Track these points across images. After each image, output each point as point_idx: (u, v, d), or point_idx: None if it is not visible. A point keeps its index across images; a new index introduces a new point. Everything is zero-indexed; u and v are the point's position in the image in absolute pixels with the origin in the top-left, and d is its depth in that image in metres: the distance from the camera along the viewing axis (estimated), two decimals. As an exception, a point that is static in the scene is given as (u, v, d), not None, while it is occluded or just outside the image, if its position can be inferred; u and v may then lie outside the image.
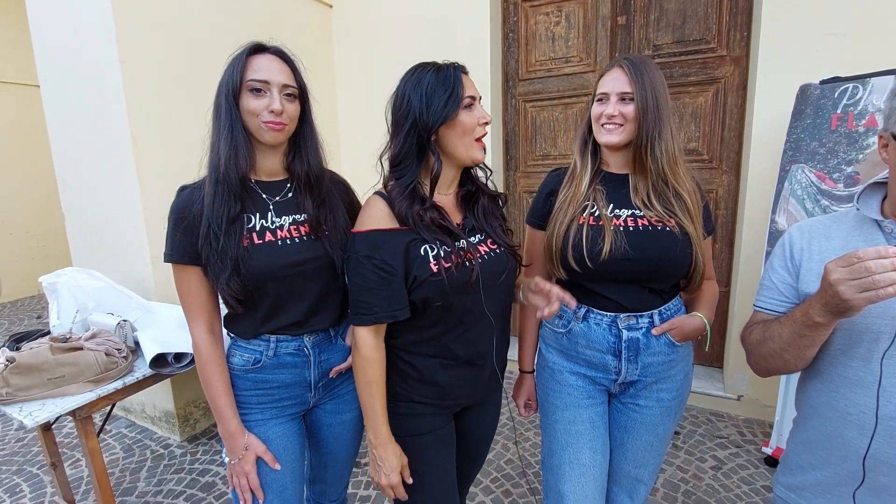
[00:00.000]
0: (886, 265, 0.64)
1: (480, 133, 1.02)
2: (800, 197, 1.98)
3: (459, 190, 1.12)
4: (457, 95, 0.98)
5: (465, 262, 1.00)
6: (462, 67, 1.02)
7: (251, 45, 1.02)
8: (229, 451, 1.07)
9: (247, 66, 1.00)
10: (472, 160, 1.04)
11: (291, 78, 1.04)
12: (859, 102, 1.85)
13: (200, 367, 1.06)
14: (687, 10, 2.53)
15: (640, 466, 1.21)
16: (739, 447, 2.28)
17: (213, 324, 1.07)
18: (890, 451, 0.76)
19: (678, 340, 1.12)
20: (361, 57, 3.22)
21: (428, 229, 0.99)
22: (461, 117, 0.99)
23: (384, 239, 0.98)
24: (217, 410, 1.06)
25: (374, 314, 0.98)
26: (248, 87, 0.99)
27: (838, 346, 0.83)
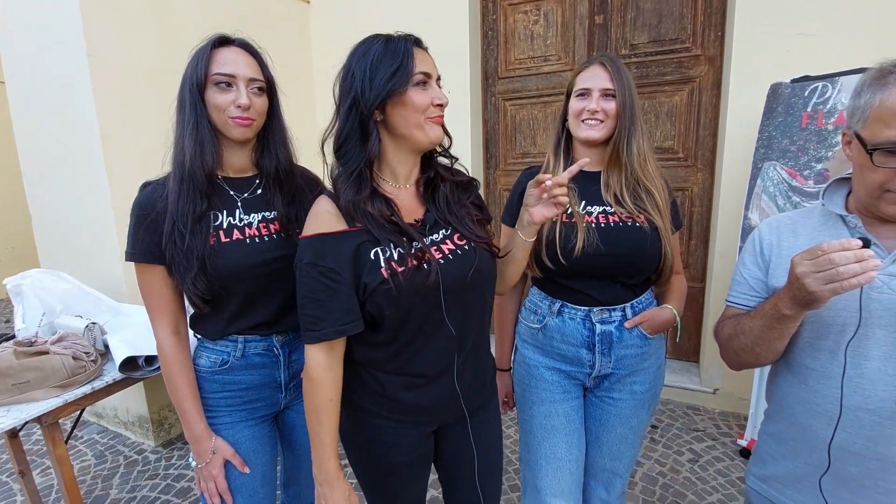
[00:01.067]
0: (849, 257, 0.65)
1: (434, 113, 0.90)
2: (772, 194, 2.02)
3: (421, 179, 1.00)
4: (406, 70, 0.86)
5: (423, 265, 0.87)
6: (417, 40, 0.91)
7: (215, 38, 0.99)
8: (196, 455, 1.04)
9: (211, 60, 0.97)
10: (430, 141, 0.90)
11: (258, 71, 1.02)
12: (828, 101, 1.90)
13: (165, 369, 1.03)
14: (663, 9, 2.56)
15: (615, 459, 1.22)
16: (715, 440, 2.33)
17: (178, 325, 1.04)
18: (855, 441, 0.78)
19: (650, 333, 1.14)
20: (340, 54, 3.18)
21: (378, 225, 0.87)
22: (410, 95, 0.86)
23: (330, 243, 0.86)
24: (182, 413, 1.03)
25: (321, 329, 0.86)
26: (213, 81, 0.97)
27: (806, 338, 0.84)
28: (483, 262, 0.95)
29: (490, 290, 1.02)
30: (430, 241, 0.93)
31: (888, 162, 0.71)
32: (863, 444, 0.77)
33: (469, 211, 1.00)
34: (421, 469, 1.06)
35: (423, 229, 0.93)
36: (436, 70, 0.91)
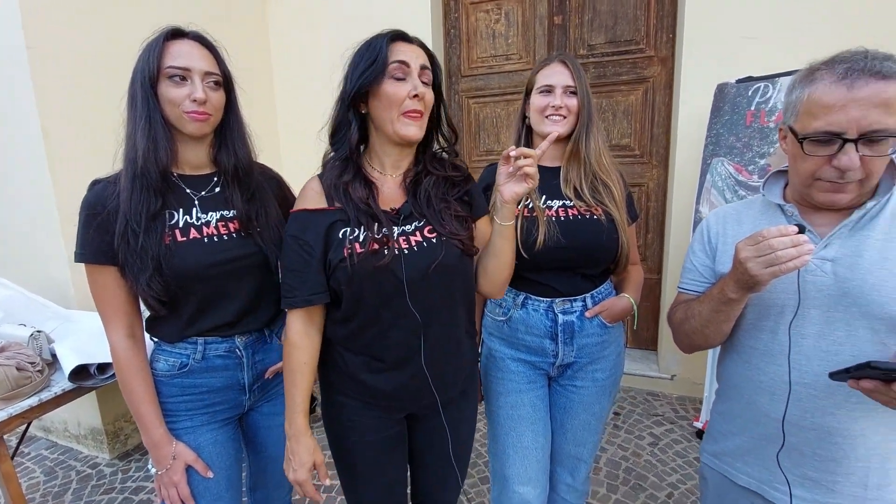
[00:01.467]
0: (787, 242, 0.71)
1: (410, 107, 0.92)
2: (720, 188, 2.14)
3: (410, 171, 1.03)
4: (381, 63, 0.90)
5: (383, 250, 0.91)
6: (400, 35, 0.94)
7: (168, 30, 0.96)
8: (155, 462, 1.01)
9: (164, 52, 0.94)
10: (399, 136, 0.94)
11: (214, 65, 0.99)
12: (770, 100, 2.02)
13: (120, 374, 0.99)
14: (618, 11, 2.65)
15: (579, 445, 1.27)
16: (674, 423, 2.44)
17: (132, 327, 1.00)
18: (804, 415, 0.83)
19: (609, 321, 1.18)
20: (301, 51, 3.12)
21: (354, 207, 0.93)
22: (385, 87, 0.91)
23: (310, 219, 0.94)
24: (140, 419, 1.00)
25: (294, 297, 0.95)
26: (166, 75, 0.94)
27: (749, 320, 0.90)
28: (449, 258, 0.96)
29: (458, 284, 1.01)
30: (401, 231, 0.96)
31: (817, 151, 0.77)
32: (801, 415, 0.83)
33: (450, 207, 1.01)
34: (388, 454, 1.08)
35: (397, 218, 0.97)
36: (417, 60, 0.94)
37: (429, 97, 0.96)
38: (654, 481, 2.01)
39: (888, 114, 0.70)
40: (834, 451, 0.82)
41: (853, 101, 0.71)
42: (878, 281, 0.77)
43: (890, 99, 0.70)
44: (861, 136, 0.72)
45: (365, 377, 0.99)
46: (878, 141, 0.72)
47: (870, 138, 0.72)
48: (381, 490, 1.10)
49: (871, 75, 0.70)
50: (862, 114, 0.71)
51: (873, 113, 0.70)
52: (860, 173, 0.75)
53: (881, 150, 0.73)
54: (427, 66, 0.96)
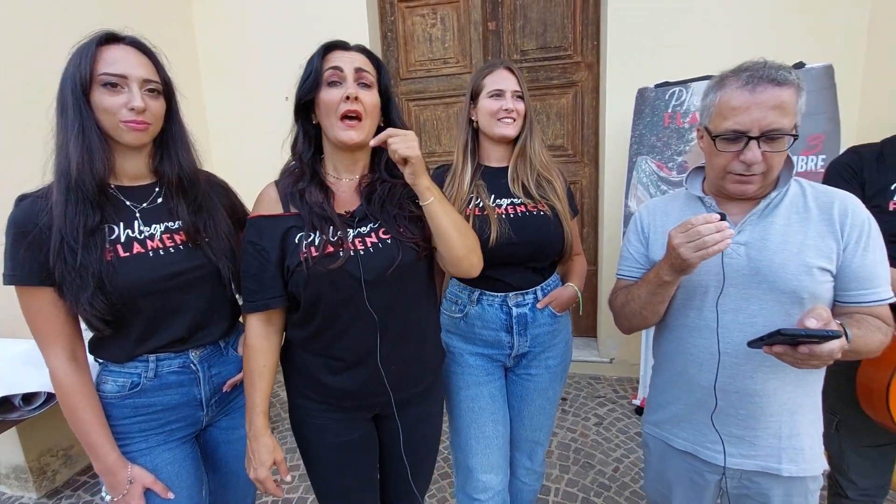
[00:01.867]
0: (711, 228, 0.82)
1: (344, 109, 0.94)
2: (645, 184, 2.34)
3: (366, 176, 1.05)
4: (315, 73, 0.95)
5: (342, 255, 0.94)
6: (334, 45, 0.98)
7: (101, 35, 0.91)
8: (110, 489, 0.96)
9: (97, 58, 0.89)
10: (339, 141, 0.97)
11: (153, 72, 0.95)
12: (684, 103, 2.24)
13: (64, 401, 0.93)
14: (547, 19, 2.81)
15: (536, 429, 1.35)
16: (615, 403, 2.63)
17: (74, 350, 0.94)
18: (729, 381, 0.95)
19: (558, 311, 1.27)
20: (232, 52, 3.00)
21: (309, 210, 0.96)
22: (321, 94, 0.96)
23: (266, 224, 0.97)
24: (90, 446, 0.94)
25: (254, 301, 0.97)
26: (100, 82, 0.89)
27: (680, 300, 1.01)
28: (407, 259, 0.99)
29: (414, 284, 1.04)
30: (357, 233, 0.99)
31: (727, 147, 0.89)
32: (727, 381, 0.96)
33: (405, 212, 1.03)
34: (354, 457, 1.08)
35: (352, 221, 0.99)
36: (352, 64, 0.96)
37: (368, 99, 0.97)
38: (601, 458, 2.16)
39: (783, 115, 0.83)
40: (753, 409, 0.95)
41: (755, 104, 0.84)
42: (783, 260, 0.90)
43: (784, 102, 0.83)
44: (762, 134, 0.84)
45: (325, 378, 1.00)
46: (776, 139, 0.85)
47: (769, 136, 0.85)
48: (349, 493, 1.11)
49: (769, 82, 0.83)
50: (762, 115, 0.83)
51: (771, 114, 0.83)
52: (762, 167, 0.88)
53: (779, 146, 0.86)
54: (364, 69, 0.97)
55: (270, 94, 2.88)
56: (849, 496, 1.33)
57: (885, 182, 1.16)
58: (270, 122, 2.75)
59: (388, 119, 1.06)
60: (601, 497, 1.93)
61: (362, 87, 0.97)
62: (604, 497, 1.93)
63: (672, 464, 1.09)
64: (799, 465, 0.95)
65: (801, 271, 0.89)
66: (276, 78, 2.89)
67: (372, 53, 1.02)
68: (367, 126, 0.98)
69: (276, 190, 1.00)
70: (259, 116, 2.88)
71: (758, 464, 0.96)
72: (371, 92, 0.99)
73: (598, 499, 1.92)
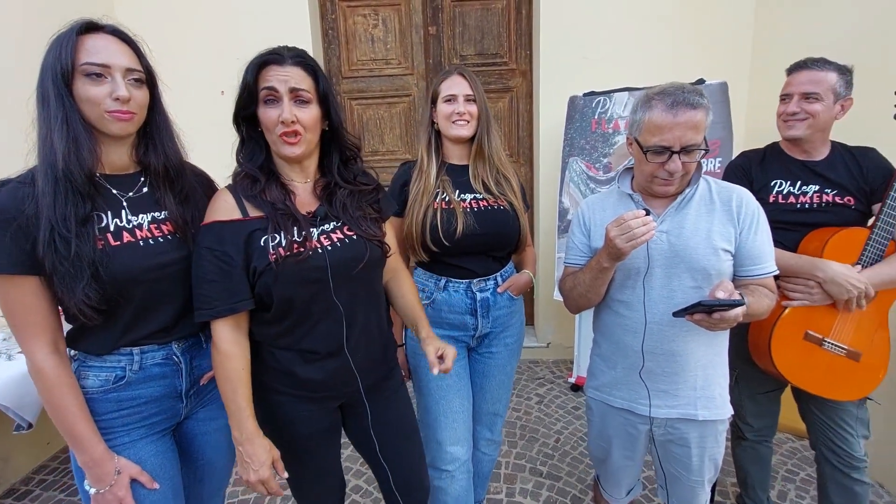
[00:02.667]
0: (639, 223, 1.00)
1: (282, 130, 0.97)
2: (576, 182, 2.59)
3: (320, 179, 1.11)
4: (248, 92, 0.98)
5: (309, 251, 0.97)
6: (268, 60, 0.97)
7: (81, 23, 0.90)
8: (95, 481, 0.95)
9: (78, 48, 0.88)
10: (281, 156, 1.02)
11: (136, 61, 0.95)
12: (608, 111, 2.51)
13: (48, 394, 0.91)
14: (484, 27, 2.98)
15: (496, 402, 1.50)
16: (553, 382, 2.88)
17: (56, 342, 0.93)
18: (655, 344, 1.15)
19: (515, 294, 1.43)
20: (165, 47, 2.84)
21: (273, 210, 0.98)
22: (260, 113, 0.99)
23: (226, 230, 0.97)
24: (75, 438, 0.93)
25: (214, 308, 0.96)
26: (83, 72, 0.88)
27: (617, 281, 1.20)
28: (374, 253, 1.08)
29: (376, 278, 1.14)
30: (321, 230, 1.04)
31: (655, 159, 1.08)
32: (654, 345, 1.16)
33: (366, 213, 1.10)
34: (326, 442, 1.17)
35: (314, 220, 1.04)
36: (287, 83, 0.96)
37: (306, 116, 0.99)
38: (544, 432, 2.38)
39: (697, 133, 1.04)
40: (675, 366, 1.16)
41: (676, 125, 1.03)
42: (694, 244, 1.11)
43: (698, 122, 1.03)
44: (682, 148, 1.04)
45: (297, 369, 1.04)
46: (692, 151, 1.06)
47: (687, 150, 1.05)
48: (320, 476, 1.19)
49: (687, 106, 1.02)
50: (682, 133, 1.03)
51: (689, 133, 1.03)
52: (681, 173, 1.08)
53: (694, 157, 1.07)
54: (299, 88, 0.97)
55: (208, 88, 2.79)
56: (747, 437, 1.62)
57: (766, 180, 1.44)
58: (206, 116, 2.66)
59: (330, 124, 1.07)
60: (546, 465, 2.13)
61: (299, 104, 0.99)
62: (548, 465, 2.14)
63: (611, 420, 1.28)
64: (711, 411, 1.17)
65: (709, 252, 1.10)
66: (214, 73, 2.80)
67: (308, 62, 1.01)
68: (307, 139, 1.01)
69: (232, 195, 1.00)
70: (194, 115, 2.76)
71: (679, 412, 1.18)
72: (309, 108, 1.00)
73: (543, 467, 2.12)
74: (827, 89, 1.33)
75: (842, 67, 1.35)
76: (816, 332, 1.34)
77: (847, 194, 1.37)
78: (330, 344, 1.05)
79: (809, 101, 1.35)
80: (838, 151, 1.42)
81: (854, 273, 1.27)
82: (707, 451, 1.20)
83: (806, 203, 1.39)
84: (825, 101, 1.34)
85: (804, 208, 1.39)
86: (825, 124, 1.37)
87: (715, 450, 1.21)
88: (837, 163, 1.40)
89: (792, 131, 1.39)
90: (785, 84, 1.42)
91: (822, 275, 1.28)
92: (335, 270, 1.01)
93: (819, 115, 1.34)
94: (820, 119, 1.35)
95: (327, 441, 1.18)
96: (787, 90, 1.40)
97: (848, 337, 1.33)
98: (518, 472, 2.09)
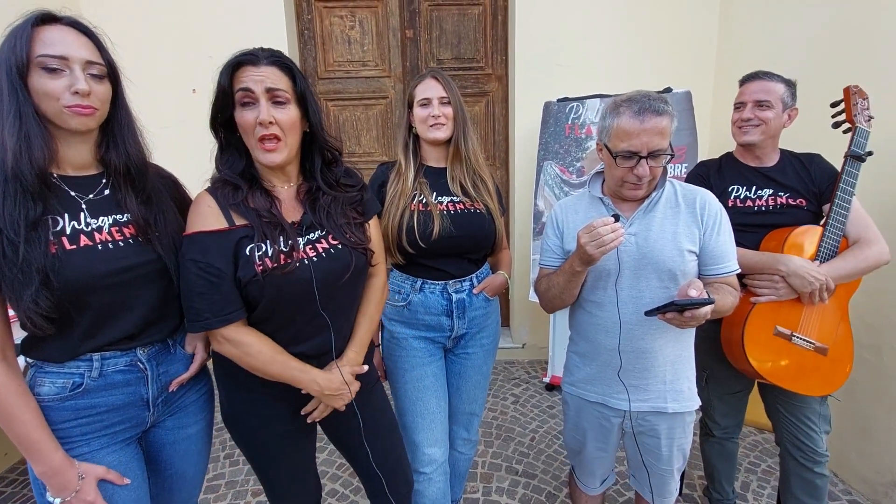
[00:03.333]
0: (608, 230, 1.03)
1: (261, 133, 0.95)
2: (551, 185, 2.64)
3: (303, 185, 1.09)
4: (224, 94, 0.95)
5: (296, 263, 0.97)
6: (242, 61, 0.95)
7: (37, 14, 0.86)
8: (58, 490, 0.91)
9: (34, 39, 0.84)
10: (261, 163, 1.00)
11: (97, 54, 0.91)
12: (580, 116, 2.57)
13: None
14: (461, 31, 3.02)
15: (472, 402, 1.51)
16: (528, 382, 2.92)
17: (4, 350, 0.89)
18: (630, 343, 1.19)
19: (491, 295, 1.46)
20: (135, 44, 2.76)
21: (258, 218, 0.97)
22: (237, 116, 0.97)
23: (211, 241, 0.94)
24: (31, 447, 0.89)
25: (205, 320, 0.95)
26: (39, 65, 0.85)
27: (589, 282, 1.24)
28: (359, 262, 1.08)
29: (360, 285, 1.15)
30: (307, 240, 1.03)
31: (624, 163, 1.12)
32: (625, 343, 1.20)
33: (349, 219, 1.09)
34: (299, 442, 1.17)
35: (300, 229, 1.03)
36: (262, 84, 0.94)
37: (284, 118, 0.97)
38: (519, 430, 2.42)
39: (663, 138, 1.08)
40: (646, 363, 1.20)
41: (643, 131, 1.07)
42: (660, 246, 1.16)
43: (664, 129, 1.08)
44: (649, 153, 1.09)
45: None
46: (658, 156, 1.10)
47: (654, 155, 1.09)
48: (296, 473, 1.19)
49: (653, 112, 1.07)
50: (649, 139, 1.07)
51: (655, 139, 1.07)
52: (649, 178, 1.13)
53: (660, 161, 1.11)
54: (276, 87, 0.96)
55: (180, 86, 2.73)
56: (714, 434, 1.69)
57: (723, 186, 1.52)
58: (176, 115, 2.60)
59: (310, 124, 1.05)
60: (522, 463, 2.17)
61: (277, 105, 0.96)
62: (524, 463, 2.17)
63: (586, 414, 1.32)
64: (680, 403, 1.22)
65: (675, 254, 1.15)
66: (186, 71, 2.74)
67: (284, 62, 0.99)
68: (287, 144, 0.99)
69: (215, 201, 0.98)
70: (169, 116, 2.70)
71: (650, 405, 1.22)
72: (287, 109, 0.98)
73: (519, 465, 2.15)
74: (777, 98, 1.42)
75: (788, 80, 1.45)
76: (785, 328, 1.41)
77: (799, 196, 1.45)
78: (314, 349, 1.06)
79: (762, 108, 1.43)
80: (787, 158, 1.51)
81: (814, 266, 1.35)
82: (675, 441, 1.25)
83: (762, 206, 1.47)
84: (775, 109, 1.43)
85: (760, 210, 1.47)
86: (775, 131, 1.46)
87: (683, 440, 1.26)
88: (787, 168, 1.48)
89: (746, 136, 1.47)
90: (738, 94, 1.51)
91: (785, 268, 1.36)
92: (321, 283, 1.00)
93: (770, 121, 1.43)
94: (771, 126, 1.44)
95: (302, 438, 1.17)
96: (741, 98, 1.49)
97: (814, 331, 1.41)
98: (494, 472, 2.11)
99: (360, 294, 1.16)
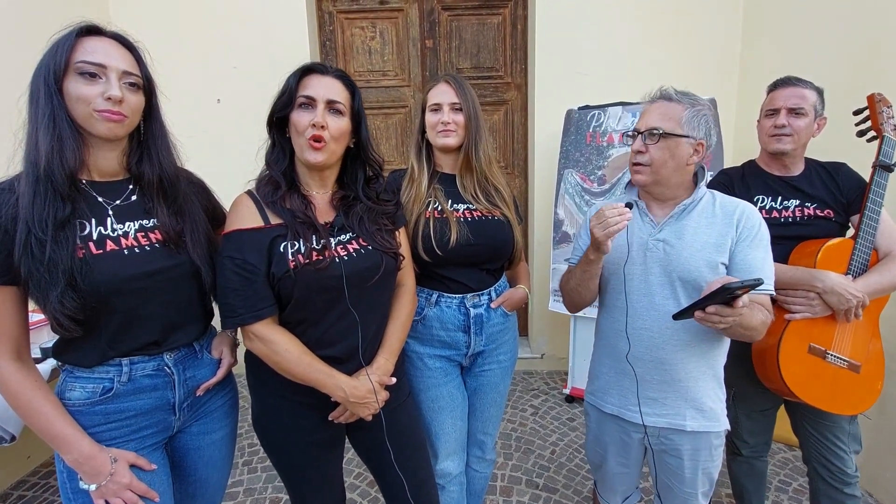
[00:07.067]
0: (615, 213, 1.05)
1: (311, 133, 1.01)
2: (571, 194, 2.61)
3: (338, 191, 1.14)
4: (288, 96, 1.03)
5: (328, 260, 1.01)
6: (311, 69, 1.05)
7: (83, 25, 0.90)
8: (92, 476, 0.92)
9: (76, 48, 0.88)
10: (304, 161, 1.06)
11: (135, 66, 0.94)
12: (602, 124, 2.54)
13: (14, 400, 0.89)
14: (480, 41, 3.02)
15: (487, 421, 1.46)
16: (547, 394, 2.87)
17: (20, 350, 0.91)
18: (648, 352, 1.16)
19: (509, 310, 1.40)
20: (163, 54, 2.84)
21: (293, 218, 1.01)
22: (293, 116, 1.03)
23: (247, 238, 1.00)
24: (57, 438, 0.90)
25: (239, 316, 0.99)
26: (76, 70, 0.87)
27: (612, 284, 1.22)
28: (389, 265, 1.12)
29: (389, 288, 1.17)
30: (338, 241, 1.07)
31: (627, 140, 1.19)
32: (643, 351, 1.16)
33: (381, 225, 1.14)
34: (327, 452, 1.16)
35: (332, 230, 1.07)
36: (326, 95, 1.03)
37: (335, 125, 1.04)
38: (539, 443, 2.37)
39: (663, 119, 1.11)
40: (665, 375, 1.16)
41: (648, 111, 1.15)
42: (689, 255, 1.12)
43: (667, 111, 1.11)
44: (646, 130, 1.12)
45: None
46: (656, 137, 1.11)
47: (650, 133, 1.12)
48: (322, 483, 1.18)
49: (662, 98, 1.13)
50: (649, 117, 1.13)
51: (656, 118, 1.12)
52: (646, 159, 1.13)
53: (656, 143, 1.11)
54: (336, 100, 1.04)
55: (204, 97, 2.80)
56: (742, 453, 1.63)
57: (748, 197, 1.45)
58: (201, 125, 2.67)
59: (358, 140, 1.12)
60: (542, 477, 2.12)
61: (333, 113, 1.04)
62: (545, 477, 2.12)
63: (605, 427, 1.28)
64: (700, 422, 1.16)
65: (702, 265, 1.11)
66: (211, 82, 2.81)
67: (348, 79, 1.08)
68: (331, 148, 1.05)
69: (253, 200, 1.04)
70: (194, 121, 2.77)
71: (668, 421, 1.17)
72: (341, 119, 1.05)
73: (539, 479, 2.11)
74: (810, 106, 1.37)
75: (818, 88, 1.40)
76: (819, 345, 1.35)
77: (826, 207, 1.40)
78: (342, 351, 1.06)
79: (796, 115, 1.38)
80: (813, 167, 1.45)
81: (850, 282, 1.29)
82: (700, 463, 1.20)
83: (789, 217, 1.42)
84: (808, 117, 1.37)
85: (787, 222, 1.42)
86: (807, 139, 1.41)
87: (709, 463, 1.21)
88: (814, 177, 1.43)
89: (780, 145, 1.40)
90: (768, 100, 1.44)
91: (822, 285, 1.30)
92: (351, 280, 1.03)
93: (803, 130, 1.38)
94: (803, 134, 1.39)
95: (329, 450, 1.17)
96: (774, 105, 1.42)
97: (847, 349, 1.35)
98: (514, 485, 2.07)
99: (388, 300, 1.17)
